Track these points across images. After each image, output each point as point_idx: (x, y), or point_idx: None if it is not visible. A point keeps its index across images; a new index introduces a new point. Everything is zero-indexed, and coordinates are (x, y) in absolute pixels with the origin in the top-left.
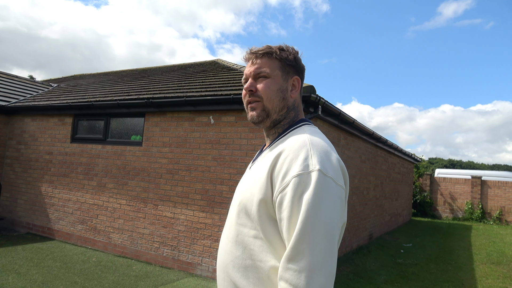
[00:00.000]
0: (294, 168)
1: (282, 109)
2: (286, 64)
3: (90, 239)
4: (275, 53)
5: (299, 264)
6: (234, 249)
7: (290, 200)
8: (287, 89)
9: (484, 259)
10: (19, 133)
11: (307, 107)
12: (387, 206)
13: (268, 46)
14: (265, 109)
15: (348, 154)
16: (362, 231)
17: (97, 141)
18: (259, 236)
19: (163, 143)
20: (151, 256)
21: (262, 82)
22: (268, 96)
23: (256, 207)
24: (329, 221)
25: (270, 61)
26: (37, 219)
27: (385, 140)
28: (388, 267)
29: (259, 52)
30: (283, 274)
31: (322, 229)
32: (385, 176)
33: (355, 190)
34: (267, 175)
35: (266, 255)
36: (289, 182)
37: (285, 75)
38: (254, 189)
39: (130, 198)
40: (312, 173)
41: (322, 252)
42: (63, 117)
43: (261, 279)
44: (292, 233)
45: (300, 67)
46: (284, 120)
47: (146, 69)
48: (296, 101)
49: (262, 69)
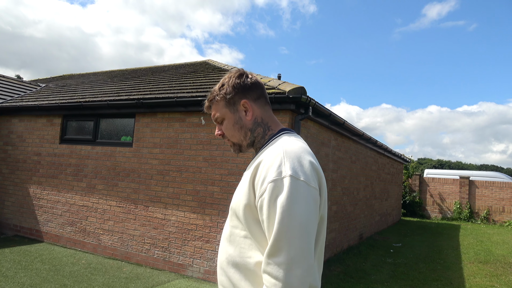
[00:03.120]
0: (269, 175)
1: (246, 135)
2: (228, 98)
3: (79, 241)
4: (216, 97)
5: (278, 259)
6: (228, 247)
7: (267, 203)
8: (241, 118)
9: (472, 258)
10: (6, 134)
11: (297, 108)
12: (377, 206)
13: (210, 92)
14: (235, 144)
15: (338, 155)
16: (352, 231)
17: (86, 142)
18: (248, 236)
19: (154, 144)
20: (142, 257)
21: (223, 125)
22: (230, 134)
23: (242, 212)
24: (304, 219)
25: (217, 105)
26: (25, 221)
27: (375, 141)
28: (379, 266)
29: (207, 103)
30: (265, 268)
31: (297, 227)
32: (375, 176)
33: (345, 191)
34: (249, 183)
35: (253, 252)
36: (266, 187)
37: (232, 107)
38: (240, 196)
39: (120, 200)
40: (284, 178)
41: (298, 248)
42: (51, 118)
43: (249, 273)
44: (271, 232)
45: (244, 87)
46: (256, 138)
47: (136, 69)
48: (257, 118)
49: (215, 116)
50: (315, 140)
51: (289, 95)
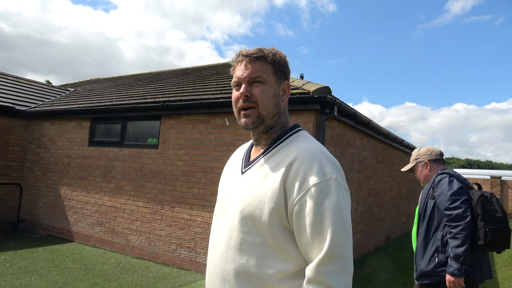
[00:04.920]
0: (311, 177)
1: (275, 115)
2: (278, 69)
3: (108, 241)
4: (269, 57)
5: (331, 267)
6: (237, 257)
7: (312, 207)
8: (280, 95)
9: (506, 261)
10: (38, 137)
11: (322, 108)
12: (404, 207)
13: (261, 49)
14: (260, 116)
15: (364, 155)
16: (379, 233)
17: (114, 144)
18: (266, 242)
19: (179, 146)
20: (168, 257)
21: (257, 88)
22: (264, 102)
23: (267, 216)
24: (348, 224)
25: (264, 65)
26: (56, 221)
27: (401, 141)
28: (406, 269)
29: (253, 55)
30: (315, 277)
31: (346, 233)
32: (401, 176)
33: (371, 191)
34: (280, 183)
35: (273, 261)
36: (308, 190)
37: (278, 80)
38: (262, 197)
39: (147, 200)
40: (330, 181)
41: (348, 254)
42: (80, 121)
43: (265, 285)
44: (318, 239)
45: (289, 72)
46: (276, 126)
47: (160, 73)
48: (285, 106)
49: (257, 73)
50: (340, 140)
51: (314, 95)
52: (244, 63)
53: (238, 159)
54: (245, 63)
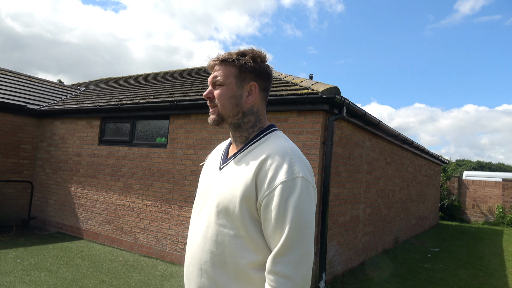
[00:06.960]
0: (281, 174)
1: (237, 114)
2: (243, 70)
3: (116, 239)
4: (232, 59)
5: (287, 258)
6: (213, 248)
7: (277, 203)
8: (242, 96)
9: None
10: (49, 136)
11: (331, 108)
12: (413, 209)
13: (228, 52)
14: (220, 114)
15: (373, 156)
16: (387, 235)
17: (123, 143)
18: (239, 234)
19: (188, 145)
20: (176, 256)
21: (217, 90)
22: (221, 103)
23: (238, 208)
24: (310, 220)
25: (226, 68)
26: (66, 218)
27: (411, 142)
28: (415, 272)
29: (218, 59)
30: (272, 268)
31: (306, 228)
32: (411, 178)
33: (380, 193)
34: (252, 178)
35: (245, 252)
36: (276, 187)
37: (239, 82)
38: (236, 191)
39: (155, 199)
40: (297, 179)
41: (306, 247)
42: (91, 120)
43: (240, 274)
44: (279, 232)
45: (261, 72)
46: (245, 125)
47: (169, 72)
48: (255, 106)
49: (217, 78)
50: (349, 141)
51: (323, 96)
52: (213, 67)
53: (217, 156)
54: (213, 67)
